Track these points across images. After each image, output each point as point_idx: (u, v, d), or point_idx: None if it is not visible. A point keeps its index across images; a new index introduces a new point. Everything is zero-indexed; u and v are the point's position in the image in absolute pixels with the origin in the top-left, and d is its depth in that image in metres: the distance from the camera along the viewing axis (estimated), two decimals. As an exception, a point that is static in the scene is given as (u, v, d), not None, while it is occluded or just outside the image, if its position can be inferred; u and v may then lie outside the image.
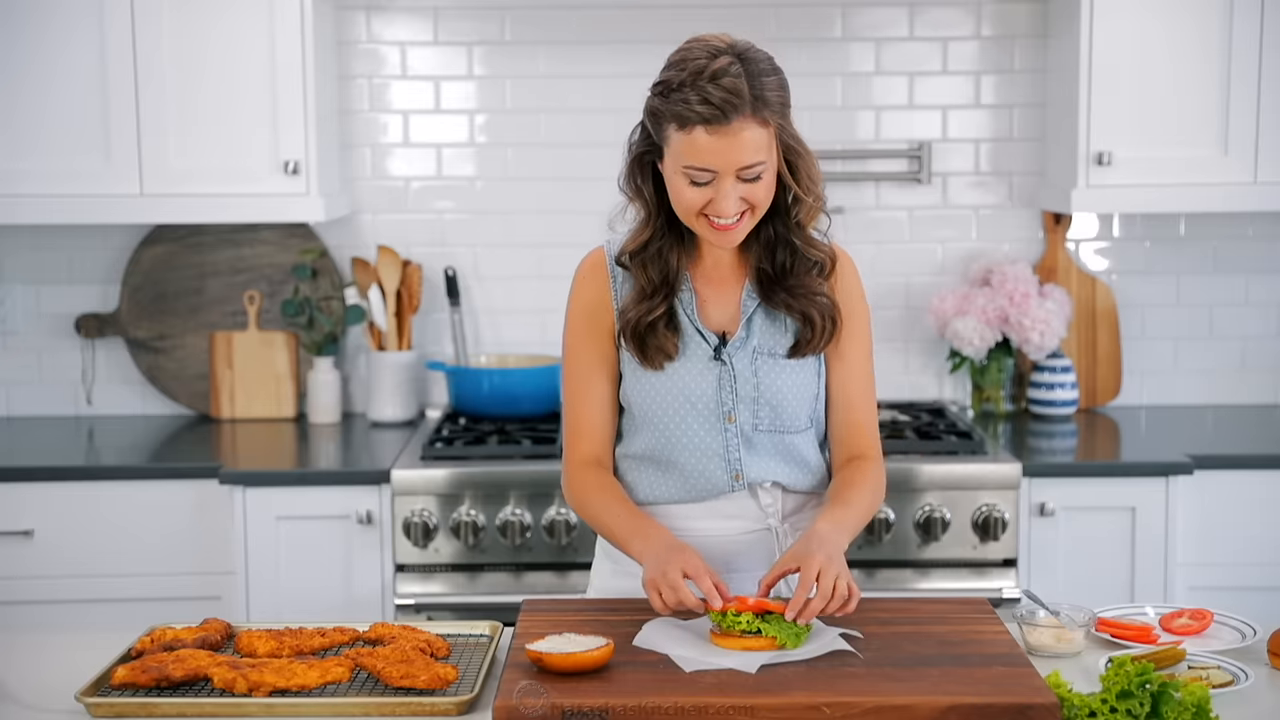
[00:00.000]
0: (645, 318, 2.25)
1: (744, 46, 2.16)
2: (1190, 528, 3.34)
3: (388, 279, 3.84)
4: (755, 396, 2.26)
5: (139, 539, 3.33)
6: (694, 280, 2.30)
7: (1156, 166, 3.54)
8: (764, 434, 2.27)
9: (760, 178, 2.14)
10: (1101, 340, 3.93)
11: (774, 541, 2.30)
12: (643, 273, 2.27)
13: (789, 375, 2.27)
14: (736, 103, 2.09)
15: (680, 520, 2.30)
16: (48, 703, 1.96)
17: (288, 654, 2.07)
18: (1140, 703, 1.80)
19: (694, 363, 2.27)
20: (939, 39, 3.89)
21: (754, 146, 2.12)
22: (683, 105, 2.11)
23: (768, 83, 2.12)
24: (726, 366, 2.26)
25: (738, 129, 2.10)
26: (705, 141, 2.11)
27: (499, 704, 1.83)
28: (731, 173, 2.12)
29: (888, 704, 1.82)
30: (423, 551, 3.27)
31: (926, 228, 3.95)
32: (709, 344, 2.27)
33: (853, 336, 2.31)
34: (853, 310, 2.31)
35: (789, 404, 2.26)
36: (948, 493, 3.27)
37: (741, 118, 2.10)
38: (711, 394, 2.26)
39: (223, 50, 3.50)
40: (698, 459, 2.28)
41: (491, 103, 3.90)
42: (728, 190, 2.13)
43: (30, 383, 3.96)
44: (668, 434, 2.28)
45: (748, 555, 2.30)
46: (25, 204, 3.53)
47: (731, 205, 2.14)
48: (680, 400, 2.27)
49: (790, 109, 2.18)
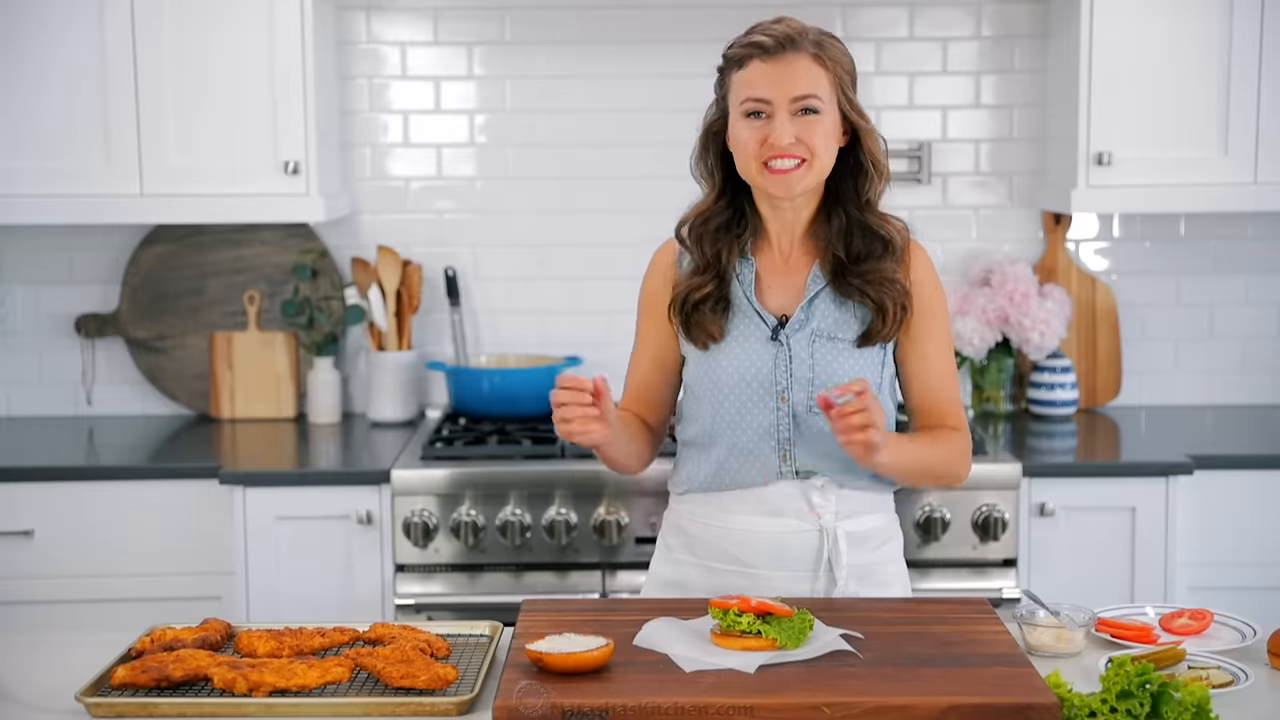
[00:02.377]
0: (693, 294, 2.31)
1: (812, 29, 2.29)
2: (1190, 528, 3.34)
3: (388, 279, 3.84)
4: (811, 378, 2.28)
5: (139, 539, 3.33)
6: (759, 263, 2.34)
7: (1156, 166, 3.54)
8: (818, 418, 2.26)
9: (817, 113, 2.22)
10: (1101, 340, 3.93)
11: (825, 544, 2.29)
12: (698, 247, 2.33)
13: (848, 361, 2.28)
14: (796, 38, 2.23)
15: (725, 513, 2.32)
16: (48, 703, 1.96)
17: (288, 654, 2.07)
18: (1140, 703, 1.80)
19: (750, 342, 2.30)
20: (939, 39, 3.89)
21: (810, 78, 2.22)
22: (743, 46, 2.25)
23: (833, 43, 2.26)
24: (784, 347, 2.28)
25: (792, 59, 2.22)
26: (760, 70, 2.23)
27: (499, 704, 1.83)
28: (785, 103, 2.22)
29: (888, 704, 1.82)
30: (423, 551, 3.27)
31: (926, 228, 3.94)
32: (767, 325, 2.30)
33: (927, 325, 2.32)
34: (927, 300, 2.32)
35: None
36: (948, 493, 3.27)
37: (798, 51, 2.22)
38: (767, 372, 2.29)
39: (223, 50, 3.50)
40: (748, 436, 2.29)
41: (491, 103, 3.90)
42: (783, 120, 2.22)
43: (30, 383, 3.96)
44: (720, 411, 2.31)
45: (797, 557, 2.30)
46: (25, 204, 3.53)
47: (785, 135, 2.21)
48: (735, 378, 2.30)
49: (855, 84, 2.28)
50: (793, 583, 2.30)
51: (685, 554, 2.38)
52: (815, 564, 2.30)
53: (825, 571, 2.30)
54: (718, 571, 2.34)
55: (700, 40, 3.85)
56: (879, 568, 2.36)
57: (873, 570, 2.34)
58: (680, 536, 2.39)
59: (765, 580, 2.30)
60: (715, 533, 2.34)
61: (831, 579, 2.30)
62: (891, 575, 2.39)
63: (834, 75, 2.24)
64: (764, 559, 2.31)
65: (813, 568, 2.30)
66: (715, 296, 2.31)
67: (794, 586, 2.29)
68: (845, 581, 2.29)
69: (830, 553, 2.29)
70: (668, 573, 2.41)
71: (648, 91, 3.88)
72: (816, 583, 2.30)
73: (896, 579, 2.40)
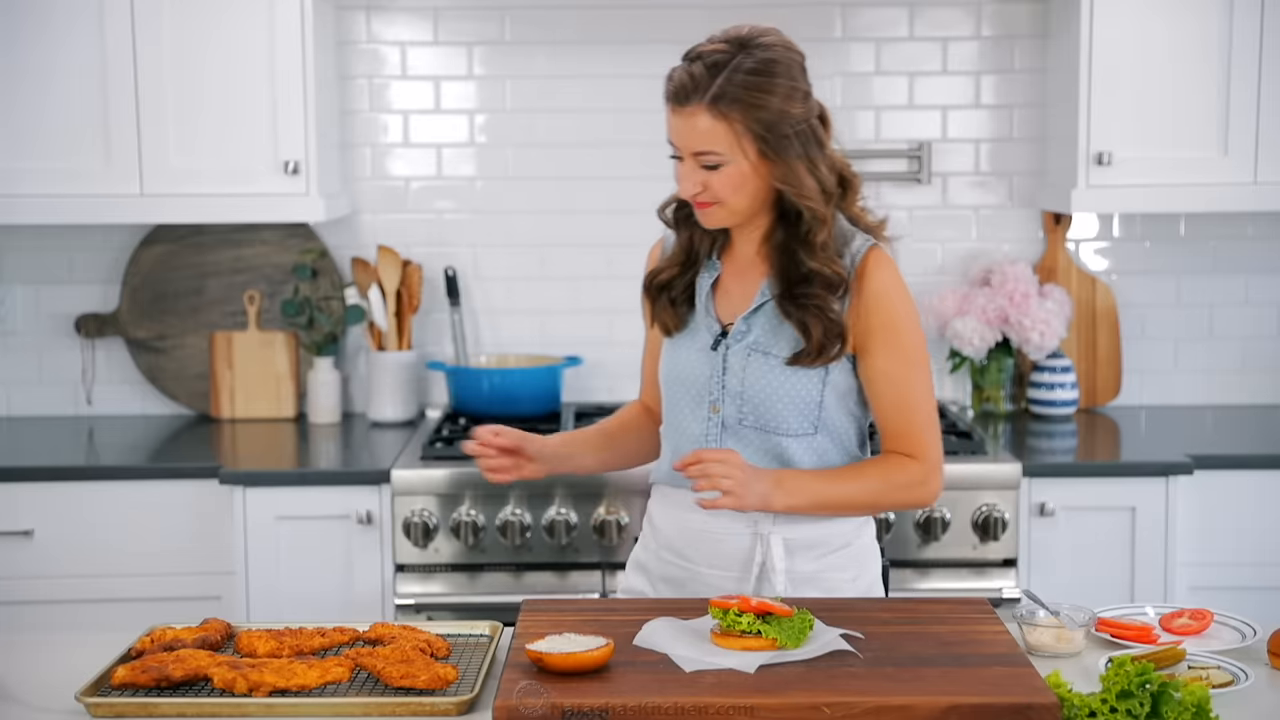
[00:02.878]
0: (658, 277, 2.34)
1: (757, 42, 2.18)
2: (1190, 528, 3.34)
3: (388, 279, 3.84)
4: (741, 391, 2.27)
5: (139, 539, 3.33)
6: (725, 265, 2.34)
7: (1156, 166, 3.54)
8: (749, 430, 2.28)
9: (718, 168, 2.18)
10: (1101, 340, 3.93)
11: (761, 547, 2.29)
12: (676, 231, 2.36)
13: (781, 378, 2.26)
14: (690, 89, 2.16)
15: (675, 508, 2.35)
16: (48, 703, 1.96)
17: (288, 654, 2.06)
18: (1140, 703, 1.80)
19: (696, 347, 2.31)
20: (939, 39, 3.89)
21: (707, 135, 2.16)
22: (666, 79, 2.21)
23: (747, 81, 2.14)
24: (721, 358, 2.28)
25: (692, 112, 2.16)
26: (670, 118, 2.20)
27: (499, 704, 1.83)
28: (689, 154, 2.20)
29: (888, 704, 1.82)
30: (423, 551, 3.27)
31: (926, 228, 3.95)
32: (710, 333, 2.30)
33: (887, 339, 2.24)
34: (886, 313, 2.24)
35: (776, 406, 2.26)
36: (948, 493, 3.26)
37: (697, 103, 2.15)
38: (703, 381, 2.30)
39: (223, 50, 3.50)
40: (685, 441, 2.32)
41: (491, 103, 3.90)
42: (688, 170, 2.20)
43: (30, 383, 3.96)
44: (669, 409, 2.36)
45: (731, 557, 2.30)
46: (25, 204, 3.53)
47: (687, 186, 2.21)
48: (677, 381, 2.33)
49: (784, 116, 2.16)
50: (728, 582, 2.30)
51: (651, 540, 2.43)
52: (748, 566, 2.30)
53: (761, 575, 2.30)
54: (667, 562, 2.37)
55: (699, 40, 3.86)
56: (825, 575, 2.31)
57: (819, 577, 2.31)
58: (649, 523, 2.44)
59: (702, 577, 2.32)
60: (668, 524, 2.37)
61: (768, 583, 2.29)
62: (842, 582, 2.33)
63: (741, 123, 2.14)
64: (702, 555, 2.33)
65: (746, 569, 2.30)
66: (679, 286, 2.33)
67: (728, 586, 2.30)
68: (784, 588, 2.28)
69: (764, 558, 2.29)
70: (639, 555, 2.46)
71: (647, 92, 3.83)
72: (747, 585, 2.30)
73: (850, 586, 2.33)
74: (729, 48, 2.17)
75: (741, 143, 2.16)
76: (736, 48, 2.16)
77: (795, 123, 2.17)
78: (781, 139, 2.17)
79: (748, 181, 2.19)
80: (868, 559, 2.39)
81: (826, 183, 2.21)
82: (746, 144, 2.16)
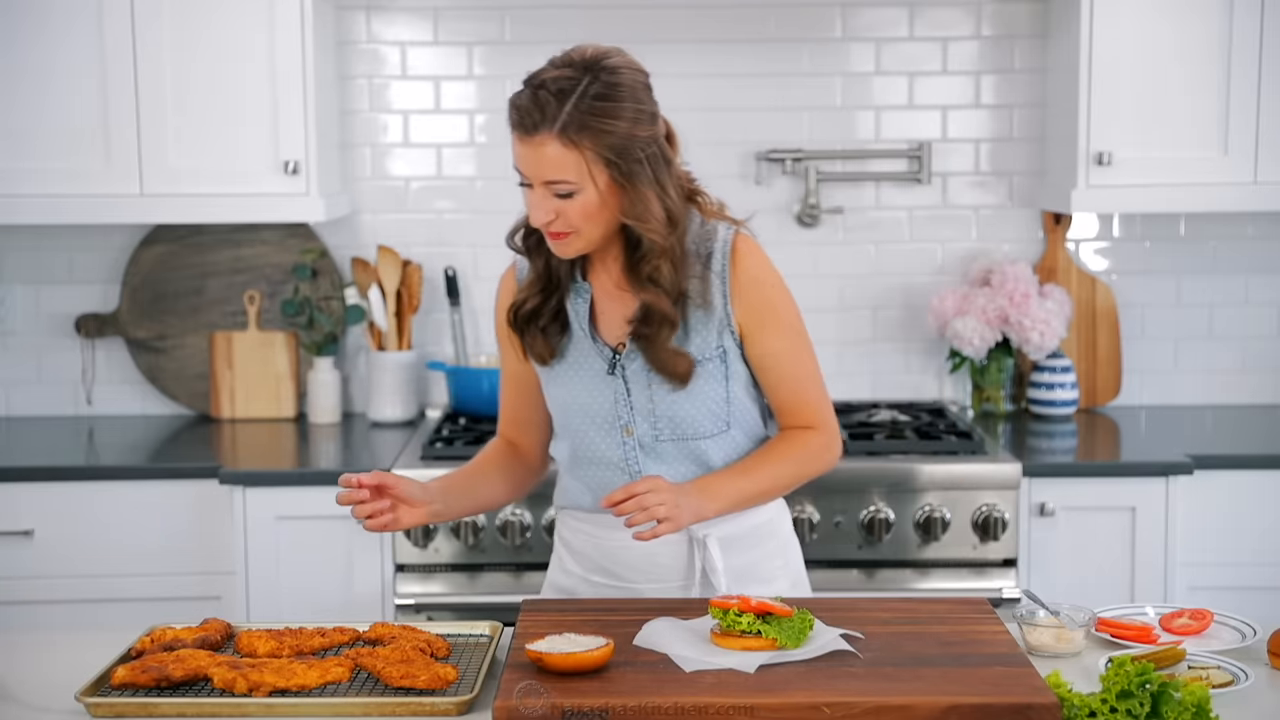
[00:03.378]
0: (523, 306, 2.28)
1: (602, 65, 2.12)
2: (1190, 528, 3.34)
3: (388, 279, 3.84)
4: (652, 410, 2.25)
5: (139, 539, 3.33)
6: (595, 286, 2.28)
7: (1156, 166, 3.54)
8: (667, 444, 2.26)
9: (571, 197, 2.12)
10: (1101, 340, 3.93)
11: (696, 551, 2.29)
12: (530, 258, 2.29)
13: (687, 388, 2.24)
14: (537, 118, 2.09)
15: (602, 529, 2.32)
16: (48, 703, 1.96)
17: (288, 654, 2.07)
18: (1140, 703, 1.80)
19: (591, 374, 2.27)
20: (939, 39, 3.89)
21: (556, 164, 2.10)
22: (509, 105, 2.14)
23: (595, 107, 2.09)
24: (621, 381, 2.26)
25: (541, 141, 2.10)
26: (517, 146, 2.14)
27: (499, 704, 1.83)
28: (539, 183, 2.13)
29: (888, 704, 1.82)
30: (423, 551, 3.27)
31: (926, 228, 3.95)
32: (603, 358, 2.26)
33: (768, 323, 2.24)
34: (764, 299, 2.24)
35: (690, 415, 2.25)
36: (948, 493, 3.27)
37: (546, 132, 2.09)
38: (609, 407, 2.27)
39: (223, 50, 3.50)
40: (601, 470, 2.29)
41: (491, 103, 3.90)
42: (539, 198, 2.14)
43: (30, 383, 3.96)
44: (575, 443, 2.31)
45: (670, 568, 2.30)
46: (25, 204, 3.53)
47: (538, 215, 2.15)
48: (579, 411, 2.28)
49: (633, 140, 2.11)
50: (668, 593, 2.30)
51: (572, 564, 2.39)
52: (688, 573, 2.30)
53: (702, 579, 2.30)
54: (598, 585, 2.35)
55: (700, 40, 3.87)
56: (760, 565, 2.34)
57: (754, 568, 2.33)
58: (566, 548, 2.41)
59: (639, 593, 2.31)
60: (592, 548, 2.35)
61: (710, 585, 2.29)
62: (775, 570, 2.36)
63: (591, 150, 2.09)
64: (637, 573, 2.31)
65: (686, 577, 2.30)
66: (546, 313, 2.27)
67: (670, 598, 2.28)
68: (726, 587, 2.28)
69: (703, 561, 2.29)
70: (561, 581, 2.42)
71: (648, 91, 3.87)
72: (692, 590, 2.30)
73: (781, 573, 2.37)
74: (574, 73, 2.10)
75: (592, 170, 2.11)
76: (581, 72, 2.10)
77: (644, 145, 2.13)
78: (633, 163, 2.12)
79: (601, 208, 2.14)
80: (790, 546, 2.42)
81: (674, 209, 2.17)
82: (597, 171, 2.11)
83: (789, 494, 2.38)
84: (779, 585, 2.36)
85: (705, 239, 2.24)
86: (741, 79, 3.88)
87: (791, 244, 3.92)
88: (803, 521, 3.24)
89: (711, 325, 2.23)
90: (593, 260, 2.28)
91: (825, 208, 3.92)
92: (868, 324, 3.97)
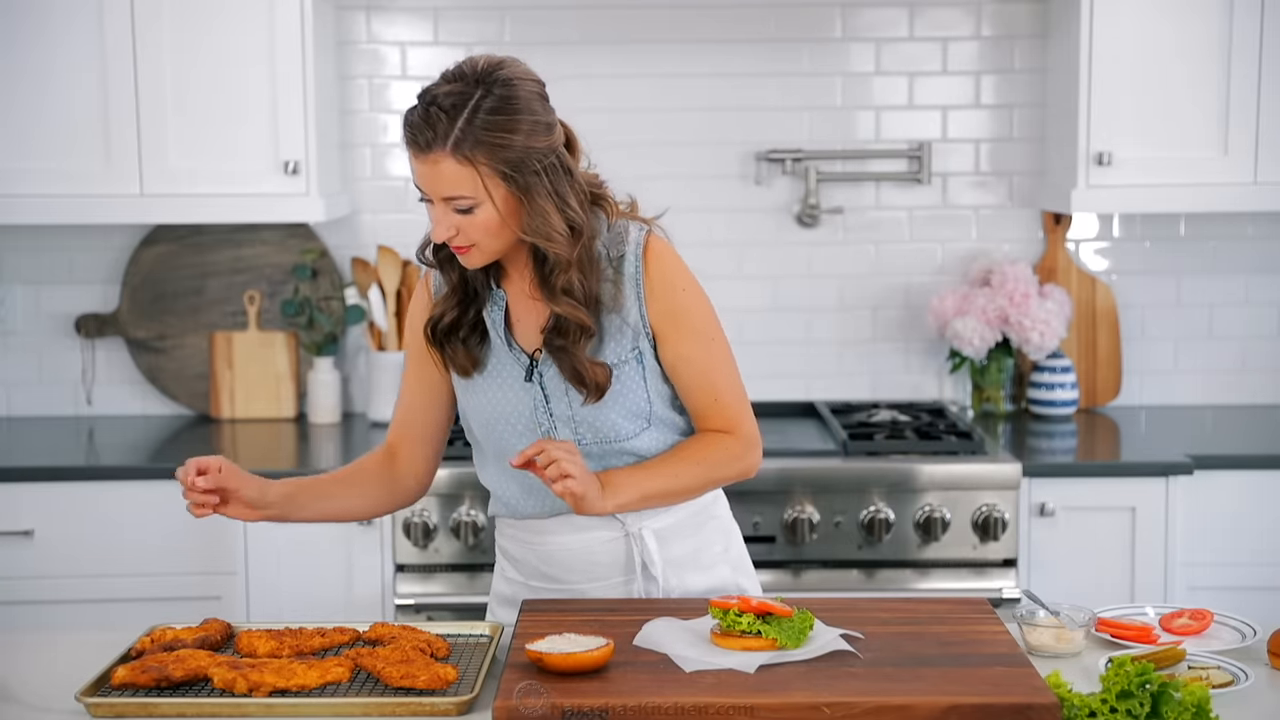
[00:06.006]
0: (441, 320, 2.25)
1: (495, 77, 2.09)
2: (1190, 528, 3.34)
3: (388, 279, 3.84)
4: (571, 415, 2.23)
5: (139, 539, 3.33)
6: (510, 292, 2.26)
7: (1156, 166, 3.54)
8: (590, 447, 2.24)
9: (471, 212, 2.09)
10: (1101, 340, 3.93)
11: (634, 547, 2.28)
12: (442, 270, 2.26)
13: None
14: (430, 136, 2.06)
15: (542, 535, 2.30)
16: (48, 703, 1.96)
17: (288, 654, 2.07)
18: (1140, 703, 1.80)
19: (508, 383, 2.25)
20: (939, 39, 3.89)
21: (453, 180, 2.07)
22: (403, 122, 2.12)
23: (488, 121, 2.06)
24: (538, 386, 2.23)
25: (436, 159, 2.07)
26: (414, 163, 2.11)
27: (499, 704, 1.83)
28: (439, 199, 2.11)
29: (888, 704, 1.82)
30: (423, 551, 3.27)
31: (926, 228, 3.95)
32: (520, 365, 2.24)
33: (678, 325, 2.21)
34: (674, 301, 2.21)
35: (610, 417, 2.22)
36: (948, 493, 3.27)
37: (440, 150, 2.06)
38: (529, 414, 2.24)
39: (223, 50, 3.50)
40: (528, 477, 2.25)
41: (491, 103, 3.90)
42: (440, 214, 2.11)
43: (30, 383, 3.96)
44: (498, 451, 2.28)
45: (609, 566, 2.29)
46: (25, 204, 3.54)
47: (440, 231, 2.12)
48: (499, 421, 2.26)
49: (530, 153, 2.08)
50: (610, 590, 2.29)
51: (513, 572, 2.37)
52: (628, 569, 2.29)
53: (643, 574, 2.29)
54: (538, 590, 2.33)
55: (699, 40, 3.87)
56: (700, 553, 2.33)
57: (695, 556, 2.32)
58: (505, 556, 2.39)
59: (582, 593, 2.29)
60: (529, 553, 2.33)
61: (652, 579, 2.28)
62: (715, 556, 2.35)
63: (487, 165, 2.05)
64: (577, 574, 2.29)
65: (626, 573, 2.29)
66: (465, 324, 2.25)
67: (613, 595, 2.28)
68: (665, 579, 2.28)
69: (642, 555, 2.28)
70: (503, 589, 2.40)
71: (646, 91, 3.88)
72: (634, 585, 2.29)
73: (721, 559, 2.35)
74: (465, 87, 2.07)
75: (488, 185, 2.08)
76: (473, 86, 2.07)
77: (541, 156, 2.10)
78: (530, 176, 2.09)
79: (501, 223, 2.12)
80: (731, 528, 2.41)
81: (576, 219, 2.14)
82: (493, 185, 2.08)
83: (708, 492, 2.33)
84: (720, 571, 2.35)
85: (616, 241, 2.21)
86: (741, 79, 3.88)
87: (791, 244, 3.92)
88: (803, 521, 3.25)
89: (626, 329, 2.21)
90: (505, 267, 2.25)
91: (825, 208, 3.92)
92: (868, 324, 3.97)
